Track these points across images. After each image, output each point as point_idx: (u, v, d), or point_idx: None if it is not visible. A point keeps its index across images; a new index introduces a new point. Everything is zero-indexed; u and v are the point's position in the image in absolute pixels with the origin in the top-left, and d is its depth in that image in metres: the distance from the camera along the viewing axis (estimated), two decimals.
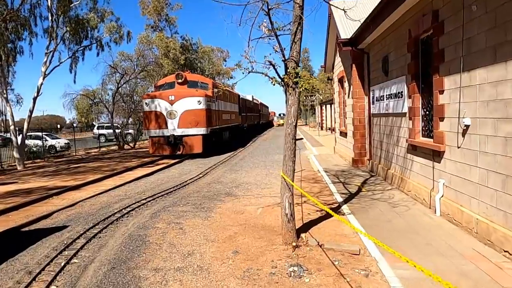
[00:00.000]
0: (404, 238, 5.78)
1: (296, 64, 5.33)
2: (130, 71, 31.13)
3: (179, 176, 13.29)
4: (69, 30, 21.00)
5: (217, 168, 15.06)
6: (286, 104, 5.65)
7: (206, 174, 13.58)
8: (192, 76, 22.02)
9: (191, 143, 18.93)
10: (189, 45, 44.86)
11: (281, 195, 5.76)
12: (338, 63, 17.02)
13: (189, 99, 18.97)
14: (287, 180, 5.58)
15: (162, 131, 19.05)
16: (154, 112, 19.13)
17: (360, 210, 7.56)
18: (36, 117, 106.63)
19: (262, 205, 8.37)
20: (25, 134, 19.61)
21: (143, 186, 11.48)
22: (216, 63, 50.35)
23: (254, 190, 10.31)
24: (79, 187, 11.73)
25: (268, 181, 11.67)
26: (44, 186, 12.67)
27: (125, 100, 31.58)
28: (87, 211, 8.36)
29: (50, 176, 15.38)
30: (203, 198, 9.34)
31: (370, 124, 12.60)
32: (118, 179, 13.24)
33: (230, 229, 6.52)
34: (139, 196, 9.79)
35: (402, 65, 9.03)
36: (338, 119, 17.73)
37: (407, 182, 8.77)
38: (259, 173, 13.29)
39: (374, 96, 11.81)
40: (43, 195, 10.52)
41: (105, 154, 25.94)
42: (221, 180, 12.18)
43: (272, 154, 19.57)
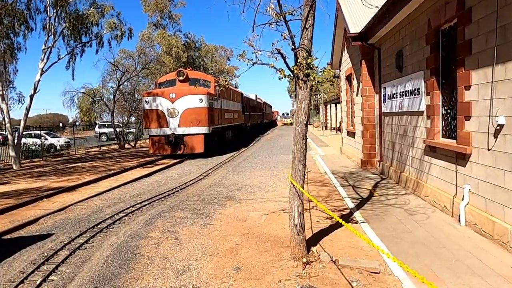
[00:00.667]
0: (429, 253, 5.08)
1: (308, 54, 4.65)
2: (131, 69, 30.53)
3: (178, 178, 12.63)
4: (68, 26, 20.39)
5: (218, 169, 14.39)
6: (295, 99, 4.97)
7: (207, 175, 12.91)
8: (194, 73, 21.36)
9: (192, 143, 18.27)
10: (191, 43, 44.21)
11: (289, 203, 5.07)
12: (345, 59, 16.30)
13: (191, 97, 18.31)
14: (297, 186, 4.89)
15: (163, 130, 18.40)
16: (155, 110, 18.48)
17: (374, 217, 6.86)
18: (39, 115, 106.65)
19: (267, 211, 7.69)
20: (21, 132, 19.03)
21: (140, 188, 10.82)
22: (219, 61, 49.68)
23: (258, 193, 9.63)
24: (72, 189, 11.09)
25: (272, 183, 10.99)
26: (37, 187, 12.05)
27: (126, 99, 30.99)
28: (76, 216, 7.71)
29: (45, 176, 14.77)
30: (203, 202, 8.67)
31: (380, 124, 11.89)
32: (115, 180, 12.59)
33: (231, 239, 5.84)
34: (135, 199, 9.13)
35: (419, 59, 8.32)
36: (345, 118, 17.01)
37: (424, 187, 8.06)
38: (263, 175, 12.61)
39: (385, 94, 11.09)
40: (33, 197, 9.88)
41: (104, 154, 25.34)
42: (222, 182, 11.51)
43: (276, 155, 18.88)
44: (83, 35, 21.22)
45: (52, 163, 20.67)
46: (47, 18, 19.20)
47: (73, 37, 20.81)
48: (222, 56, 55.16)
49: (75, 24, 20.30)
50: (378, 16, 9.87)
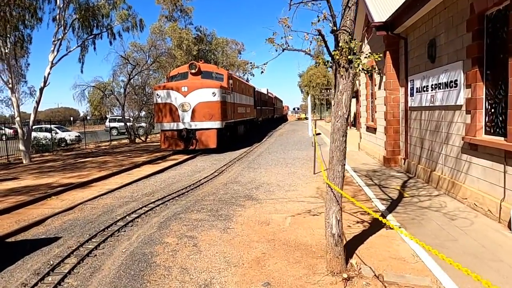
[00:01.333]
0: (483, 266, 4.44)
1: (350, 37, 4.01)
2: (142, 62, 30.04)
3: (192, 175, 12.08)
4: (78, 18, 19.90)
5: (233, 166, 13.81)
6: (334, 89, 4.35)
7: (221, 172, 12.35)
8: (207, 66, 20.77)
9: (204, 138, 17.72)
10: (203, 36, 43.59)
11: (326, 210, 4.45)
12: (366, 51, 15.53)
13: (203, 90, 17.73)
14: (336, 190, 4.27)
15: (174, 125, 17.87)
16: (166, 104, 17.95)
17: (411, 222, 6.21)
18: (51, 109, 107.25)
19: (290, 213, 7.09)
20: (31, 126, 18.67)
21: (152, 186, 10.30)
22: (230, 55, 48.97)
23: (277, 192, 9.03)
24: (82, 186, 10.61)
25: (291, 181, 10.37)
26: (46, 183, 11.61)
27: (137, 92, 30.54)
28: (86, 216, 7.19)
29: (55, 171, 14.36)
30: (219, 202, 8.10)
31: (406, 119, 11.17)
32: (126, 177, 12.10)
33: (256, 247, 5.25)
34: (147, 198, 8.60)
35: (457, 48, 7.59)
36: (365, 113, 16.28)
37: (462, 188, 7.37)
38: (280, 172, 12.00)
39: (413, 87, 10.37)
40: (42, 194, 9.42)
41: (115, 148, 24.96)
42: (238, 179, 10.93)
43: (291, 150, 18.24)
44: (94, 27, 20.72)
45: (63, 157, 20.32)
46: (57, 9, 18.74)
47: (84, 29, 20.32)
48: (233, 50, 54.47)
49: (85, 15, 19.79)
50: (408, 3, 9.15)
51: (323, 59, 4.28)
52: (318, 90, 72.88)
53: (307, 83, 76.03)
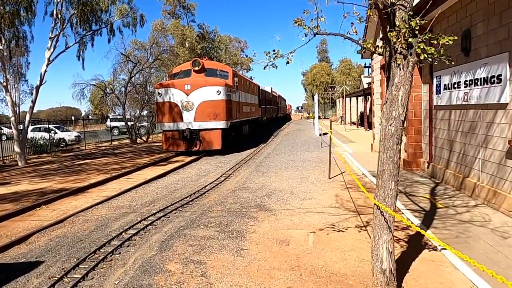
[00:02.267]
0: None
1: (409, 16, 3.08)
2: (144, 60, 29.15)
3: (196, 179, 11.16)
4: (76, 13, 19.00)
5: (240, 169, 12.89)
6: (387, 83, 3.42)
7: (228, 176, 11.42)
8: (211, 63, 19.82)
9: (209, 138, 16.80)
10: (205, 34, 42.71)
11: (373, 239, 3.51)
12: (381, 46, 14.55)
13: (207, 88, 16.80)
14: (388, 213, 3.33)
15: (177, 125, 16.95)
16: (168, 103, 17.02)
17: (456, 242, 5.27)
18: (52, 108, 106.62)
19: (311, 228, 6.16)
20: (27, 126, 17.79)
21: (153, 193, 9.38)
22: (233, 53, 48.08)
23: (292, 201, 8.10)
24: (77, 192, 9.70)
25: (306, 188, 9.44)
26: (39, 189, 10.72)
27: (138, 91, 29.65)
28: (76, 233, 6.28)
29: (51, 175, 13.48)
30: (229, 213, 7.17)
31: (430, 119, 10.21)
32: (125, 182, 11.19)
33: (278, 277, 4.32)
34: (147, 209, 7.68)
35: (501, 38, 6.63)
36: (379, 112, 15.31)
37: (507, 199, 6.41)
38: (292, 176, 11.06)
39: (440, 84, 9.41)
40: (32, 203, 8.52)
41: (115, 149, 24.08)
42: (247, 185, 10.00)
43: (300, 152, 17.29)
44: (93, 22, 19.81)
45: (60, 159, 19.46)
46: (54, 4, 17.85)
47: (82, 24, 19.42)
48: (236, 48, 53.59)
49: (83, 10, 18.89)
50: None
51: (371, 43, 3.36)
52: (322, 88, 71.89)
53: (311, 82, 75.08)
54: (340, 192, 8.91)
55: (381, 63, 14.39)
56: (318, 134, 26.93)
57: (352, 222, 6.47)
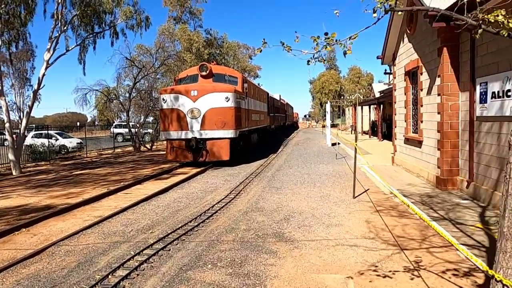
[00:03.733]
0: None
1: None
2: (149, 65, 28.14)
3: (202, 196, 9.91)
4: (78, 14, 18.02)
5: (251, 184, 11.62)
6: None
7: (238, 193, 10.15)
8: (219, 68, 18.69)
9: (216, 149, 15.58)
10: (213, 40, 41.74)
11: None
12: (405, 51, 13.32)
13: (215, 95, 15.63)
14: None
15: (182, 133, 15.76)
16: (173, 110, 15.86)
17: None
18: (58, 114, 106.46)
19: (347, 270, 4.87)
20: (23, 133, 16.69)
21: (152, 214, 8.13)
22: (241, 59, 47.07)
23: (316, 228, 6.81)
24: (66, 211, 8.48)
25: (329, 210, 8.15)
26: (25, 205, 9.54)
27: (142, 97, 28.59)
28: (51, 272, 5.04)
29: (44, 187, 12.32)
30: (242, 245, 5.90)
31: (472, 132, 8.89)
32: (122, 198, 9.97)
33: None
34: (144, 237, 6.43)
35: None
36: (402, 122, 13.98)
37: None
38: (311, 194, 9.78)
39: (486, 92, 8.12)
40: (11, 225, 7.32)
41: (117, 157, 22.95)
42: (261, 205, 8.73)
43: (315, 164, 16.00)
44: (95, 24, 18.81)
45: (59, 168, 18.34)
46: (55, 4, 16.86)
47: (84, 26, 18.41)
48: (244, 55, 52.65)
49: (86, 11, 17.89)
50: None
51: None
52: (331, 96, 70.62)
53: (319, 90, 73.88)
54: (371, 216, 7.61)
55: (406, 69, 13.12)
56: (330, 144, 25.66)
57: (398, 262, 5.18)
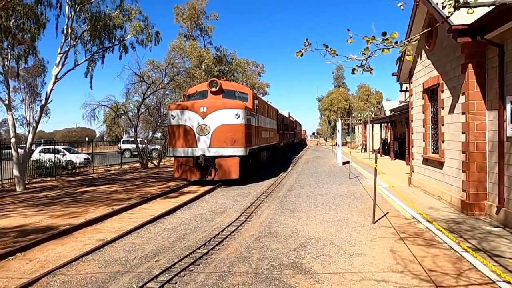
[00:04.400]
0: None
1: None
2: (158, 81, 27.99)
3: (211, 218, 9.33)
4: (88, 29, 17.90)
5: (262, 205, 11.03)
6: None
7: (249, 215, 9.56)
8: (229, 84, 18.33)
9: (225, 167, 15.05)
10: (222, 57, 41.76)
11: None
12: (424, 68, 12.82)
13: (225, 111, 15.20)
14: None
15: (191, 150, 15.29)
16: (182, 126, 15.44)
17: None
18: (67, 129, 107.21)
19: None
20: (29, 148, 16.37)
21: (158, 238, 7.57)
22: (251, 76, 46.96)
23: (337, 258, 6.19)
24: (65, 234, 7.95)
25: (348, 236, 7.52)
26: (25, 225, 9.05)
27: (151, 113, 28.35)
28: None
29: (46, 205, 11.85)
30: (256, 278, 5.31)
31: (501, 153, 8.27)
32: (127, 219, 9.44)
33: None
34: (148, 266, 5.86)
35: None
36: (420, 142, 13.36)
37: None
38: (327, 218, 9.16)
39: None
40: (6, 249, 6.80)
41: (124, 174, 22.53)
42: (274, 229, 8.12)
43: (327, 184, 15.36)
44: (105, 39, 18.65)
45: (64, 184, 17.93)
46: (65, 18, 16.76)
47: (93, 41, 18.26)
48: (253, 72, 52.65)
49: (96, 26, 17.76)
50: None
51: None
52: (339, 114, 70.13)
53: (328, 107, 73.48)
54: (395, 245, 6.96)
55: (425, 86, 12.59)
56: (341, 163, 25.01)
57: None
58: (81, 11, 17.10)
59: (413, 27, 12.77)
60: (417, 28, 12.64)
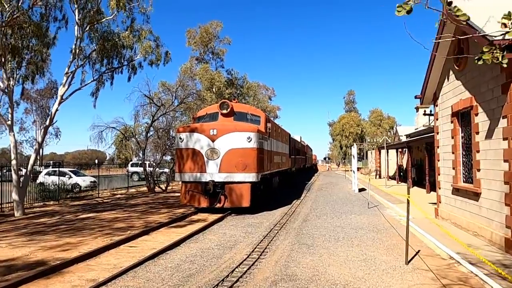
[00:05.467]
0: None
1: None
2: (168, 103, 27.44)
3: (219, 255, 8.25)
4: (97, 49, 17.43)
5: (276, 238, 9.92)
6: None
7: (262, 251, 8.47)
8: (241, 106, 17.54)
9: (236, 194, 14.02)
10: (234, 79, 41.39)
11: None
12: (451, 89, 11.84)
13: (236, 134, 14.30)
14: None
15: (199, 176, 14.33)
16: (190, 149, 14.55)
17: None
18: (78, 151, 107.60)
19: None
20: (30, 170, 15.58)
21: (157, 281, 6.51)
22: (261, 100, 46.44)
23: None
24: (53, 272, 6.95)
25: (381, 282, 6.37)
26: (11, 259, 8.10)
27: (160, 136, 27.67)
28: None
29: (41, 234, 10.91)
30: None
31: None
32: (125, 253, 8.41)
33: None
34: None
35: None
36: (450, 170, 12.18)
37: None
38: (351, 256, 8.01)
39: None
40: None
41: (130, 198, 21.61)
42: (292, 270, 7.01)
43: (345, 214, 14.19)
44: (114, 59, 18.15)
45: (66, 209, 17.05)
46: (75, 39, 16.29)
47: (101, 61, 17.75)
48: (264, 95, 52.22)
49: (105, 46, 17.28)
50: None
51: None
52: (351, 139, 68.97)
53: (339, 132, 72.45)
54: None
55: (454, 109, 11.55)
56: (357, 190, 23.77)
57: None
58: (91, 31, 16.65)
59: (439, 47, 11.88)
60: (444, 48, 11.77)
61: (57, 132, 56.54)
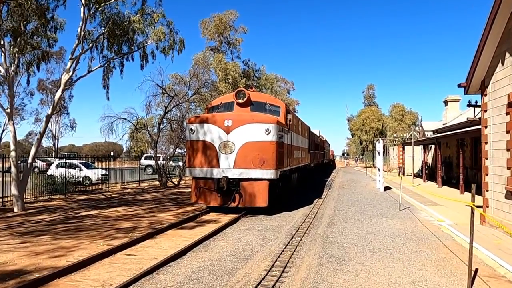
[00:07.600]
0: None
1: None
2: (182, 94, 26.12)
3: (232, 270, 6.80)
4: (105, 32, 16.16)
5: (300, 248, 8.43)
6: None
7: (285, 266, 6.98)
8: (258, 95, 16.03)
9: (252, 192, 12.57)
10: (250, 71, 39.84)
11: None
12: (507, 76, 10.06)
13: (253, 126, 12.81)
14: None
15: (211, 171, 12.92)
16: (202, 142, 13.15)
17: None
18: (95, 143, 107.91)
19: None
20: (31, 162, 14.43)
21: None
22: (280, 92, 44.79)
23: None
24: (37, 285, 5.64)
25: None
26: None
27: (173, 128, 26.41)
28: None
29: (33, 234, 9.71)
30: None
31: None
32: (120, 264, 7.06)
33: None
34: None
35: None
36: (504, 169, 10.42)
37: None
38: (395, 277, 6.46)
39: None
40: None
41: (140, 193, 20.45)
42: None
43: (375, 217, 12.58)
44: (123, 44, 16.85)
45: (70, 204, 15.95)
46: (80, 21, 15.04)
47: (111, 46, 16.48)
48: (282, 88, 50.53)
49: (113, 29, 15.98)
50: None
51: None
52: (371, 134, 66.57)
53: (359, 127, 69.98)
54: None
55: (510, 99, 9.77)
56: (383, 188, 22.04)
57: None
58: (98, 11, 15.36)
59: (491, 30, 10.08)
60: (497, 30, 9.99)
61: (72, 124, 56.11)
